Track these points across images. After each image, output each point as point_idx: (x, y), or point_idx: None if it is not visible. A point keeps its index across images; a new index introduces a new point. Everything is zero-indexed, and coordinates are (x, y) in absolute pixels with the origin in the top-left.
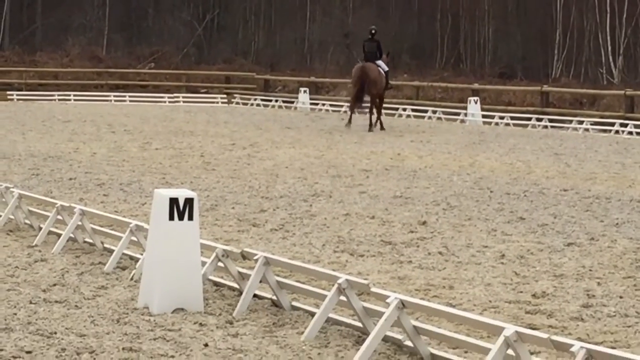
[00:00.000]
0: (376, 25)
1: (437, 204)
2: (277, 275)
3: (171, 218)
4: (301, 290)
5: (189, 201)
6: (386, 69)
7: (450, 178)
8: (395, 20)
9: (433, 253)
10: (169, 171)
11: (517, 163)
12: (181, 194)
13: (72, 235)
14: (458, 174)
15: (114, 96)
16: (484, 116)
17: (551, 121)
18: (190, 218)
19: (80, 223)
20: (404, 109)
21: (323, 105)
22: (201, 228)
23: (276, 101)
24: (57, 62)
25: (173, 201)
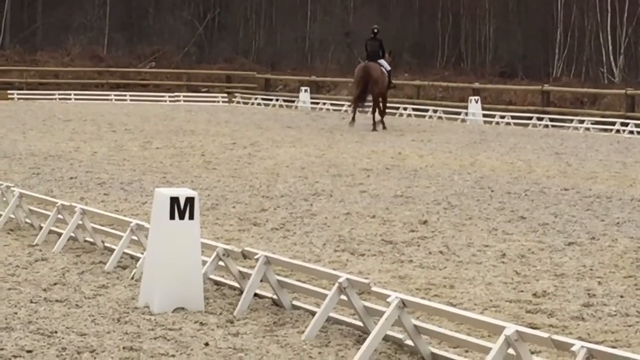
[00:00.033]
0: (377, 24)
1: (438, 203)
2: (278, 274)
3: (172, 217)
4: (302, 289)
5: (190, 200)
6: (388, 69)
7: (451, 177)
8: (396, 19)
9: (434, 252)
10: (170, 170)
11: (518, 162)
12: (182, 193)
13: (73, 234)
14: (459, 173)
15: (115, 95)
16: (485, 115)
17: (552, 120)
18: (191, 217)
19: (80, 222)
20: (405, 108)
21: (324, 104)
22: (202, 227)
23: (277, 100)
24: (58, 61)
25: (174, 200)
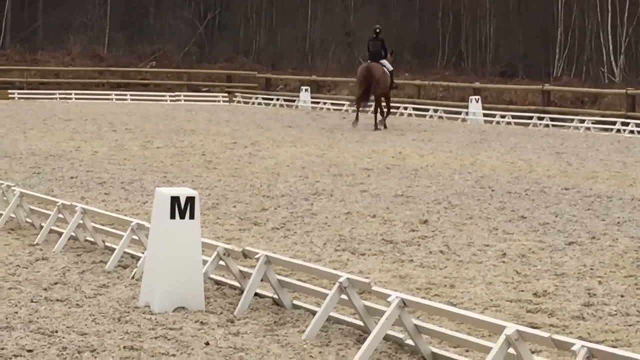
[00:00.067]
0: (377, 23)
1: (439, 203)
2: (278, 274)
3: (172, 217)
4: (302, 289)
5: (190, 200)
6: (391, 69)
7: (451, 177)
8: (396, 18)
9: (434, 252)
10: (170, 170)
11: (519, 162)
12: (182, 193)
13: (74, 233)
14: (459, 173)
15: (115, 95)
16: (485, 115)
17: (552, 120)
18: (191, 217)
19: (81, 222)
20: (405, 108)
21: (324, 104)
22: (202, 227)
23: (277, 100)
24: (59, 61)
25: (174, 200)
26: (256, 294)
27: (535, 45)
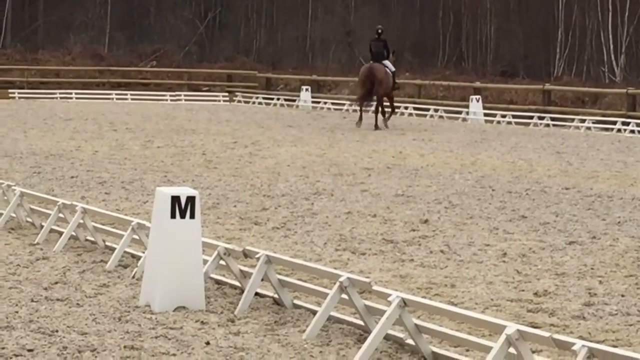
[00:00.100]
0: (378, 23)
1: (439, 203)
2: (279, 273)
3: (173, 216)
4: (303, 288)
5: (191, 199)
6: (393, 69)
7: (452, 176)
8: (397, 18)
9: (435, 251)
10: (171, 169)
11: (519, 161)
12: (183, 192)
13: (74, 233)
14: (460, 173)
15: (116, 94)
16: (486, 114)
17: (553, 120)
18: (192, 216)
19: (81, 221)
20: (406, 107)
21: (325, 103)
22: (203, 226)
23: (278, 99)
24: (59, 60)
25: (175, 199)
26: (257, 294)
27: (535, 44)
